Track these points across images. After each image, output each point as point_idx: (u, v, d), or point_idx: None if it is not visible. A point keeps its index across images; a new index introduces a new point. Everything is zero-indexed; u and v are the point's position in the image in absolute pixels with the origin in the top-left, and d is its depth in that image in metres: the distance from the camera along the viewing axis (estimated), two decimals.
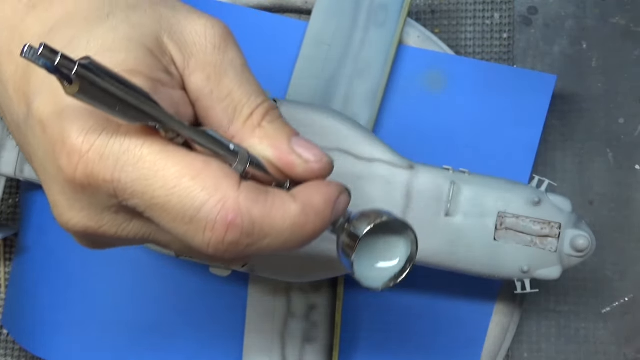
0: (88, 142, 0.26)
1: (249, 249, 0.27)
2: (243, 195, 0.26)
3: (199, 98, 0.29)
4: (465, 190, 0.44)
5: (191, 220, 0.26)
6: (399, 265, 0.32)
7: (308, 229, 0.28)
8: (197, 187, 0.26)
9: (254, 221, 0.26)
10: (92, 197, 0.27)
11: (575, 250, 0.44)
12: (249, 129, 0.29)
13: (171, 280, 0.53)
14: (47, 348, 0.53)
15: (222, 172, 0.26)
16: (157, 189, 0.26)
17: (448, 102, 0.53)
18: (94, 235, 0.28)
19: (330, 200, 0.29)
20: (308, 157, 0.29)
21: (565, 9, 0.57)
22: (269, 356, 0.49)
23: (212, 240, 0.26)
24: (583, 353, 0.54)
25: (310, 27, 0.51)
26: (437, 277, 0.49)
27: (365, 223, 0.30)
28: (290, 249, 0.28)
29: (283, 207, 0.27)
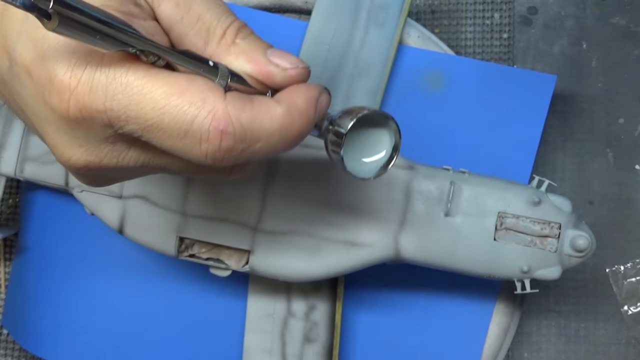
0: (75, 77, 0.27)
1: (244, 153, 0.28)
2: (230, 104, 0.28)
3: (171, 26, 0.30)
4: (465, 190, 0.44)
5: (186, 134, 0.27)
6: (386, 155, 0.33)
7: (295, 129, 0.29)
8: (185, 103, 0.27)
9: (244, 126, 0.28)
10: (89, 130, 0.28)
11: (575, 250, 0.44)
12: (224, 48, 0.30)
13: (171, 280, 0.53)
14: (47, 348, 0.53)
15: (206, 86, 0.28)
16: (149, 110, 0.27)
17: (448, 102, 0.53)
18: (96, 169, 0.29)
19: (311, 99, 0.30)
20: (285, 65, 0.30)
21: (565, 9, 0.57)
22: (269, 356, 0.49)
23: (209, 149, 0.28)
24: (583, 353, 0.54)
25: (310, 27, 0.51)
26: (437, 277, 0.49)
27: (348, 119, 0.31)
28: (281, 151, 0.30)
29: (269, 111, 0.29)
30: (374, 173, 0.33)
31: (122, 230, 0.46)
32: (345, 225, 0.45)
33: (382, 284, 0.52)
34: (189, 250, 0.46)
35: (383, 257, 0.45)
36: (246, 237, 0.45)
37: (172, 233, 0.45)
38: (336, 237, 0.45)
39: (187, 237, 0.45)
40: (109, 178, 0.31)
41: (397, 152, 0.33)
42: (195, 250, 0.46)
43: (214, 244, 0.45)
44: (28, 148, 0.48)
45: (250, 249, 0.45)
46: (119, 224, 0.46)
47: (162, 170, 0.31)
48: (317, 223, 0.45)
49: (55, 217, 0.54)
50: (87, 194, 0.46)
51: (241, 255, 0.45)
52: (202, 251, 0.46)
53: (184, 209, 0.45)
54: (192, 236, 0.45)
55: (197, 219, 0.45)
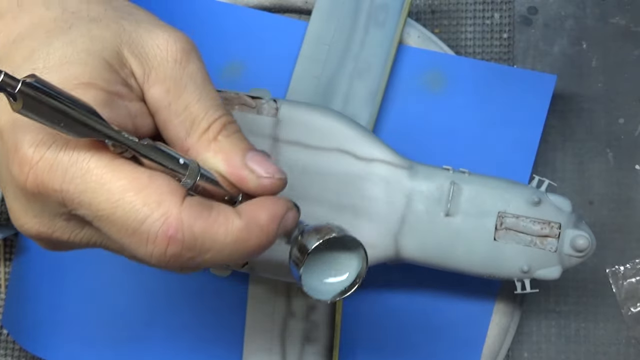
0: (38, 153, 0.27)
1: (192, 261, 0.28)
2: (186, 210, 0.27)
3: (157, 110, 0.30)
4: (465, 190, 0.44)
5: (134, 233, 0.27)
6: (349, 279, 0.32)
7: (251, 244, 0.29)
8: (139, 202, 0.27)
9: (196, 236, 0.27)
10: (44, 204, 0.28)
11: (575, 250, 0.44)
12: (205, 143, 0.30)
13: (171, 280, 0.53)
14: (47, 348, 0.53)
15: (167, 187, 0.27)
16: (102, 201, 0.27)
17: (448, 102, 0.53)
18: (48, 240, 0.30)
19: (275, 216, 0.30)
20: (260, 173, 0.30)
21: (565, 9, 0.57)
22: (269, 356, 0.49)
23: (155, 252, 0.27)
24: (583, 353, 0.54)
25: (310, 27, 0.51)
26: (437, 277, 0.49)
27: (315, 238, 0.31)
28: (236, 262, 0.29)
29: (226, 222, 0.28)
30: (332, 296, 0.32)
31: None
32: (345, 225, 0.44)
33: (382, 284, 0.52)
34: None
35: (383, 257, 0.45)
36: None
37: None
38: None
39: None
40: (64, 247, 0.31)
41: (360, 280, 0.32)
42: None
43: None
44: None
45: None
46: None
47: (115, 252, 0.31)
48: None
49: None
50: None
51: None
52: None
53: None
54: None
55: None
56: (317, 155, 0.45)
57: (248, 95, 0.46)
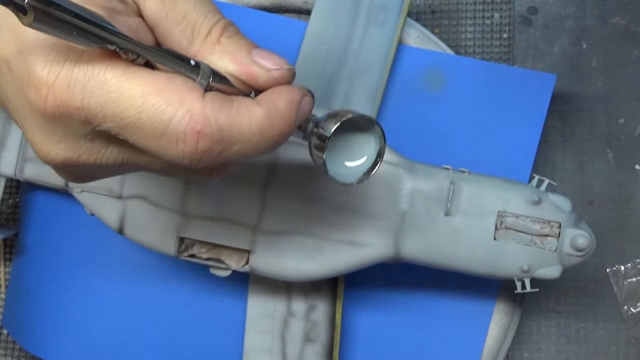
0: (53, 73, 0.26)
1: (222, 155, 0.28)
2: (209, 105, 0.27)
3: (156, 23, 0.30)
4: (465, 190, 0.44)
5: (163, 135, 0.27)
6: (370, 160, 0.33)
7: (275, 131, 0.29)
8: (163, 103, 0.27)
9: (222, 128, 0.27)
10: (67, 126, 0.28)
11: (575, 249, 0.43)
12: (209, 47, 0.30)
13: (171, 280, 0.53)
14: (47, 348, 0.53)
15: (185, 85, 0.27)
16: (126, 109, 0.26)
17: (448, 102, 0.53)
18: (75, 165, 0.29)
19: (293, 102, 0.30)
20: (269, 66, 0.30)
21: (565, 9, 0.57)
22: (269, 356, 0.49)
23: (186, 150, 0.27)
24: (583, 353, 0.54)
25: (310, 27, 0.52)
26: (437, 277, 0.49)
27: (332, 122, 0.31)
28: (262, 153, 0.29)
29: (249, 112, 0.28)
30: (357, 178, 0.33)
31: (122, 230, 0.46)
32: (345, 225, 0.45)
33: (382, 284, 0.52)
34: (189, 250, 0.46)
35: (383, 257, 0.45)
36: (246, 237, 0.45)
37: (172, 233, 0.45)
38: (336, 237, 0.45)
39: (187, 237, 0.45)
40: (89, 174, 0.31)
41: (381, 157, 0.33)
42: (195, 250, 0.46)
43: (214, 244, 0.45)
44: (28, 148, 0.48)
45: (250, 249, 0.45)
46: (119, 224, 0.46)
47: (142, 169, 0.31)
48: (317, 223, 0.45)
49: (55, 217, 0.54)
50: (87, 194, 0.46)
51: (241, 255, 0.45)
52: (202, 251, 0.46)
53: (184, 209, 0.45)
54: (192, 236, 0.45)
55: (197, 219, 0.45)
56: None
57: None
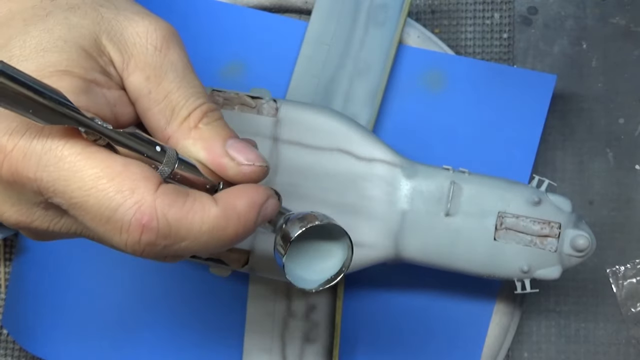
0: (12, 142, 0.27)
1: (168, 249, 0.28)
2: (160, 198, 0.27)
3: (137, 98, 0.30)
4: (465, 190, 0.44)
5: (108, 221, 0.27)
6: (334, 269, 0.32)
7: (229, 232, 0.28)
8: (112, 189, 0.26)
9: (170, 223, 0.27)
10: (20, 193, 0.28)
11: (575, 250, 0.43)
12: (185, 131, 0.30)
13: (171, 280, 0.53)
14: (47, 348, 0.53)
15: (140, 174, 0.27)
16: (75, 189, 0.26)
17: (448, 102, 0.53)
18: (28, 229, 0.30)
19: (254, 204, 0.29)
20: (240, 160, 0.30)
21: (565, 9, 0.57)
22: (269, 356, 0.49)
23: (129, 240, 0.27)
24: (583, 353, 0.54)
25: (310, 27, 0.51)
26: (437, 277, 0.49)
27: (298, 226, 0.30)
28: (214, 251, 0.29)
29: (202, 210, 0.28)
30: (317, 285, 0.32)
31: None
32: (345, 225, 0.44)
33: (382, 284, 0.52)
34: None
35: (383, 257, 0.45)
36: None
37: None
38: None
39: None
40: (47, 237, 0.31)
41: (345, 269, 0.32)
42: None
43: None
44: None
45: (250, 249, 0.45)
46: None
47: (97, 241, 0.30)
48: None
49: None
50: None
51: (241, 255, 0.45)
52: None
53: None
54: None
55: None
56: (317, 155, 0.45)
57: (248, 95, 0.46)
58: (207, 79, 0.52)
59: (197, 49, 0.53)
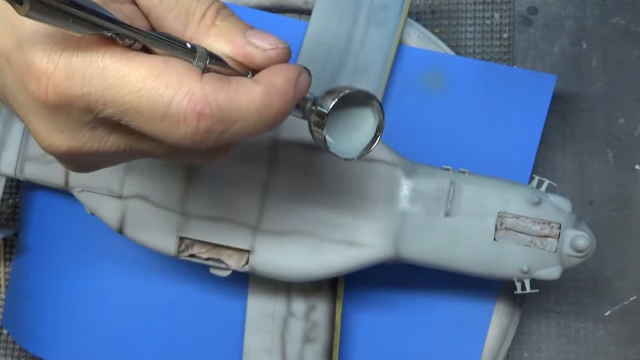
0: (52, 63, 0.27)
1: (224, 134, 0.28)
2: (207, 85, 0.28)
3: (150, 9, 0.30)
4: (465, 190, 0.44)
5: (164, 117, 0.27)
6: (370, 134, 0.33)
7: (274, 109, 0.29)
8: (162, 85, 0.27)
9: (222, 107, 0.28)
10: (68, 116, 0.28)
11: (575, 250, 0.44)
12: (204, 30, 0.30)
13: (171, 280, 0.53)
14: (47, 348, 0.53)
15: (183, 68, 0.28)
16: (126, 94, 0.27)
17: (448, 102, 0.53)
18: (78, 154, 0.30)
19: (291, 79, 0.30)
20: (264, 46, 0.30)
21: (565, 9, 0.57)
22: (269, 356, 0.49)
23: (188, 131, 0.28)
24: (583, 353, 0.54)
25: (310, 27, 0.51)
26: (437, 277, 0.49)
27: (330, 99, 0.31)
28: (262, 131, 0.30)
29: (247, 91, 0.29)
30: (358, 153, 0.33)
31: (122, 230, 0.46)
32: (345, 225, 0.45)
33: (382, 284, 0.52)
34: (189, 250, 0.46)
35: (383, 257, 0.45)
36: (246, 237, 0.45)
37: (172, 233, 0.45)
38: (336, 237, 0.45)
39: (187, 237, 0.45)
40: (94, 163, 0.31)
41: (380, 131, 0.33)
42: (195, 250, 0.46)
43: (214, 244, 0.45)
44: (28, 148, 0.48)
45: (250, 249, 0.45)
46: (119, 224, 0.46)
47: (146, 155, 0.31)
48: (317, 223, 0.45)
49: (55, 217, 0.54)
50: (87, 194, 0.46)
51: (241, 255, 0.45)
52: (202, 251, 0.46)
53: (184, 209, 0.45)
54: (192, 236, 0.45)
55: (197, 219, 0.45)
56: (317, 155, 0.45)
57: None
58: None
59: None
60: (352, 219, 0.45)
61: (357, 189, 0.45)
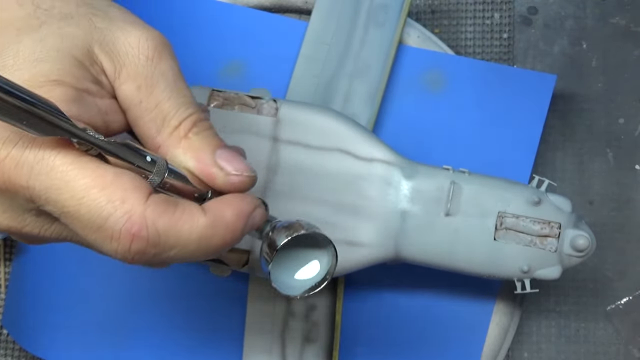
0: (5, 151, 0.27)
1: (158, 257, 0.28)
2: (150, 208, 0.27)
3: (129, 107, 0.30)
4: (465, 190, 0.44)
5: (98, 229, 0.27)
6: (318, 276, 0.33)
7: (216, 241, 0.29)
8: (103, 199, 0.27)
9: (159, 232, 0.28)
10: (12, 200, 0.28)
11: (575, 250, 0.43)
12: (175, 140, 0.30)
13: (171, 280, 0.53)
14: (47, 348, 0.53)
15: (131, 184, 0.27)
16: (67, 198, 0.27)
17: (448, 102, 0.53)
18: (19, 234, 0.30)
19: (242, 213, 0.30)
20: (229, 170, 0.30)
21: (565, 9, 0.57)
22: (269, 356, 0.49)
23: (119, 249, 0.28)
24: (583, 353, 0.54)
25: (310, 27, 0.51)
26: (437, 277, 0.49)
27: (284, 235, 0.31)
28: (201, 259, 0.29)
29: (191, 219, 0.28)
30: (301, 292, 0.32)
31: None
32: (345, 225, 0.45)
33: (382, 284, 0.52)
34: None
35: (383, 257, 0.45)
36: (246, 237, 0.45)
37: None
38: (336, 237, 0.44)
39: None
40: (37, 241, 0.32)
41: (330, 276, 0.33)
42: None
43: None
44: None
45: (250, 249, 0.45)
46: None
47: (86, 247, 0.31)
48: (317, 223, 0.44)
49: None
50: None
51: (241, 255, 0.45)
52: None
53: None
54: None
55: None
56: (317, 155, 0.45)
57: (248, 95, 0.46)
58: (207, 79, 0.52)
59: (197, 49, 0.53)
60: (352, 219, 0.45)
61: (356, 188, 0.45)
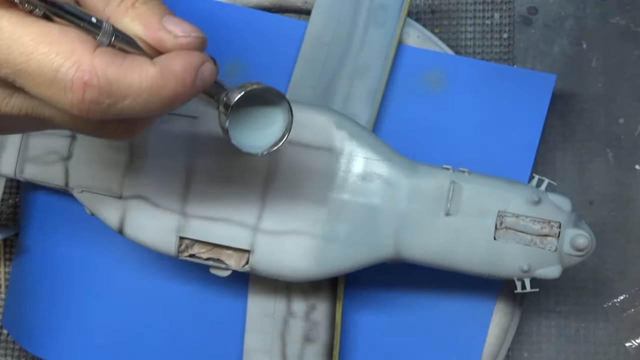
0: None
1: (112, 108, 0.29)
2: (98, 57, 0.28)
3: None
4: (465, 190, 0.44)
5: (52, 83, 0.28)
6: (278, 133, 0.34)
7: (167, 91, 0.30)
8: (52, 52, 0.28)
9: (110, 81, 0.28)
10: None
11: (575, 249, 0.43)
12: (123, 10, 0.31)
13: (171, 280, 0.53)
14: (47, 348, 0.53)
15: (77, 38, 0.28)
16: (17, 55, 0.28)
17: (448, 102, 0.53)
18: None
19: (190, 66, 0.30)
20: (177, 33, 0.31)
21: (565, 9, 0.57)
22: (269, 356, 0.49)
23: (74, 99, 0.28)
24: (583, 353, 0.54)
25: (310, 27, 0.52)
26: (437, 277, 0.49)
27: (237, 92, 0.32)
28: (157, 112, 0.30)
29: (140, 69, 0.29)
30: (262, 150, 0.34)
31: (122, 230, 0.46)
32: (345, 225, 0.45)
33: (382, 284, 0.52)
34: (189, 250, 0.46)
35: (383, 257, 0.45)
36: (246, 237, 0.45)
37: (172, 233, 0.45)
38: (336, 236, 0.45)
39: (187, 237, 0.45)
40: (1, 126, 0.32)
41: (288, 131, 0.34)
42: (195, 250, 0.46)
43: (214, 244, 0.45)
44: (28, 148, 0.48)
45: (250, 249, 0.45)
46: (119, 224, 0.46)
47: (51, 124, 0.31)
48: (316, 223, 0.45)
49: (55, 217, 0.54)
50: (87, 194, 0.46)
51: (241, 255, 0.45)
52: (202, 251, 0.46)
53: (184, 209, 0.45)
54: (192, 236, 0.45)
55: (197, 219, 0.45)
56: (317, 155, 0.45)
57: None
58: None
59: None
60: (351, 219, 0.44)
61: (357, 188, 0.45)
